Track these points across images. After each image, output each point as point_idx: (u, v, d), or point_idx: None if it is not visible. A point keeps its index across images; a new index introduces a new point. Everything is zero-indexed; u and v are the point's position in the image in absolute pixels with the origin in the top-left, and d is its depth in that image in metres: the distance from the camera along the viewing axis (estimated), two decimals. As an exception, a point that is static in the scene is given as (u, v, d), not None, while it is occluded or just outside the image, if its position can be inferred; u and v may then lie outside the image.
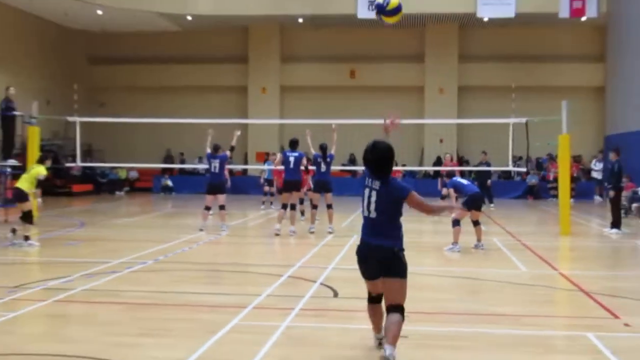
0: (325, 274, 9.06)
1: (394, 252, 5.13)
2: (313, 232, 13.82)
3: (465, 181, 12.39)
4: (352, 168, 25.26)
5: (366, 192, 5.23)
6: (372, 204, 5.19)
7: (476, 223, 11.75)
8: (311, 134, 14.56)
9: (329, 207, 14.13)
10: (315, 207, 14.38)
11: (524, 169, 22.15)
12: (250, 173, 28.02)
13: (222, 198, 14.20)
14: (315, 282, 8.46)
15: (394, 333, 4.87)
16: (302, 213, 16.57)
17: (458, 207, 6.05)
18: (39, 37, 27.19)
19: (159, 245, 11.77)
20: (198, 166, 26.11)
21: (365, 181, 5.28)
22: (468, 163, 27.27)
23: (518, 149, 18.65)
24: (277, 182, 18.75)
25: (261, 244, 13.03)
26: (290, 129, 22.77)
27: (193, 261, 10.36)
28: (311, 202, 14.65)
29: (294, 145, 13.87)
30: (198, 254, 11.17)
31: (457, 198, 15.05)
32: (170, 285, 8.44)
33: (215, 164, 14.15)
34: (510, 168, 18.82)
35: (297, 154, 13.70)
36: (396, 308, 5.02)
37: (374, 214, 5.20)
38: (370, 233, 5.25)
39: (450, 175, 13.20)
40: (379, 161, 5.17)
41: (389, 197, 5.16)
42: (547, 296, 8.20)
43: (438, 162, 25.69)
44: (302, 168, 14.15)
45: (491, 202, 21.32)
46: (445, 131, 27.65)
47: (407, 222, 5.47)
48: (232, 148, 14.47)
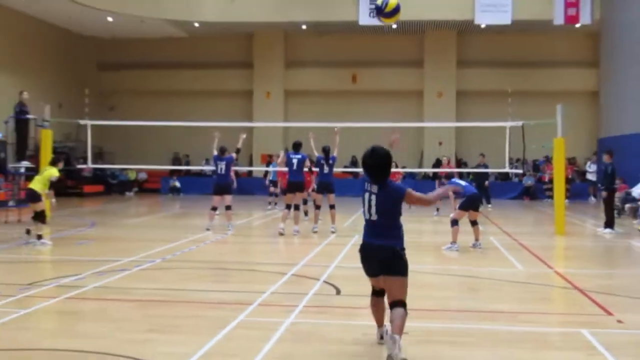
0: (328, 272, 9.06)
1: (395, 252, 5.27)
2: (316, 232, 13.83)
3: (463, 182, 12.43)
4: (354, 170, 25.24)
5: (366, 196, 5.37)
6: (373, 207, 5.33)
7: (474, 223, 11.76)
8: (314, 137, 14.56)
9: (332, 208, 14.12)
10: (318, 208, 14.40)
11: (521, 171, 22.14)
12: (255, 174, 28.05)
13: (228, 199, 14.21)
14: (318, 280, 8.47)
15: (399, 324, 5.03)
16: (306, 213, 16.58)
17: (452, 188, 6.09)
18: (52, 44, 27.27)
19: (167, 244, 11.78)
20: (205, 168, 26.10)
21: (364, 186, 5.40)
22: (466, 165, 27.26)
23: (515, 152, 18.62)
24: (282, 183, 18.76)
25: (266, 243, 13.04)
26: (294, 132, 22.83)
27: (200, 260, 10.39)
28: (314, 203, 14.67)
29: (297, 147, 13.88)
30: (205, 253, 11.19)
31: (456, 199, 15.08)
32: (178, 282, 8.46)
33: (221, 166, 14.16)
34: (507, 170, 18.81)
35: (300, 156, 13.71)
36: (399, 303, 5.19)
37: (375, 216, 5.35)
38: (372, 234, 5.39)
39: (449, 176, 13.24)
40: (378, 166, 5.28)
41: (388, 200, 5.29)
42: (543, 294, 8.20)
43: (437, 164, 25.66)
44: (306, 169, 14.16)
45: (489, 203, 21.31)
46: (444, 134, 27.66)
47: (407, 223, 5.50)
48: (238, 150, 14.49)
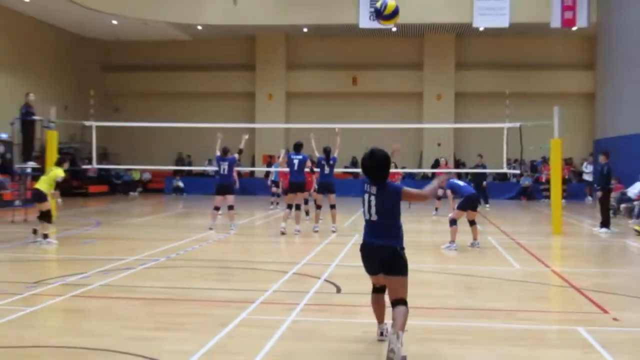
0: (328, 271, 9.07)
1: (396, 252, 5.29)
2: (317, 231, 13.84)
3: (462, 182, 12.44)
4: (354, 170, 25.24)
5: (366, 198, 5.42)
6: (372, 208, 5.37)
7: (472, 223, 11.78)
8: (315, 138, 14.57)
9: (332, 207, 14.12)
10: (319, 207, 14.41)
11: (518, 171, 22.15)
12: (257, 175, 28.07)
13: (231, 198, 14.22)
14: (319, 279, 8.47)
15: (401, 322, 5.05)
16: (307, 213, 16.59)
17: (444, 177, 6.14)
18: (58, 46, 27.31)
19: (171, 243, 11.79)
20: (208, 168, 26.13)
21: (364, 187, 5.44)
22: (465, 165, 27.27)
23: (512, 152, 18.64)
24: (283, 184, 18.77)
25: (268, 243, 13.04)
26: (295, 133, 22.84)
27: (203, 258, 10.40)
28: (315, 203, 14.67)
29: (298, 148, 13.89)
30: (208, 252, 11.19)
31: (454, 199, 15.07)
32: (182, 281, 8.46)
33: (224, 166, 14.17)
34: (504, 170, 18.82)
35: (301, 157, 13.72)
36: (400, 301, 5.22)
37: (375, 217, 5.38)
38: (372, 234, 5.42)
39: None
40: (376, 168, 5.32)
41: (387, 200, 5.33)
42: (540, 292, 8.21)
43: (436, 165, 25.67)
44: (308, 170, 14.17)
45: (487, 203, 21.32)
46: (443, 135, 27.69)
47: (407, 223, 5.52)
48: (240, 151, 14.51)
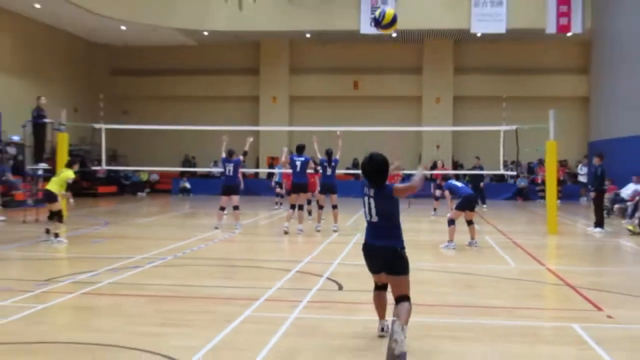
0: (330, 269, 9.06)
1: (397, 252, 5.32)
2: (319, 231, 13.83)
3: (459, 183, 12.43)
4: (356, 172, 25.15)
5: (365, 200, 5.45)
6: (372, 209, 5.40)
7: (470, 222, 11.76)
8: (318, 140, 14.57)
9: (334, 208, 14.12)
10: (321, 208, 14.39)
11: (514, 173, 22.12)
12: (261, 176, 28.07)
13: (236, 199, 14.21)
14: (321, 277, 8.47)
15: (405, 317, 5.06)
16: (310, 213, 16.58)
17: (422, 166, 6.17)
18: (68, 51, 27.33)
19: (178, 242, 11.79)
20: (213, 169, 26.14)
21: (364, 190, 5.46)
22: (462, 167, 27.22)
23: (509, 154, 18.61)
24: (286, 185, 18.77)
25: (272, 242, 13.03)
26: (298, 136, 22.79)
27: (209, 257, 10.39)
28: (317, 203, 14.66)
29: (301, 150, 13.88)
30: (214, 251, 11.19)
31: (453, 199, 15.05)
32: (188, 279, 8.45)
33: (229, 168, 14.17)
34: (501, 172, 18.79)
35: (304, 158, 13.71)
36: (404, 298, 5.23)
37: (375, 218, 5.41)
38: (373, 235, 5.44)
39: (446, 178, 13.23)
40: (375, 172, 5.35)
41: (385, 201, 5.36)
42: (536, 290, 8.19)
43: (434, 167, 25.60)
44: (312, 171, 14.15)
45: (484, 203, 21.28)
46: (441, 138, 27.58)
47: (406, 222, 5.51)
48: (245, 153, 14.50)
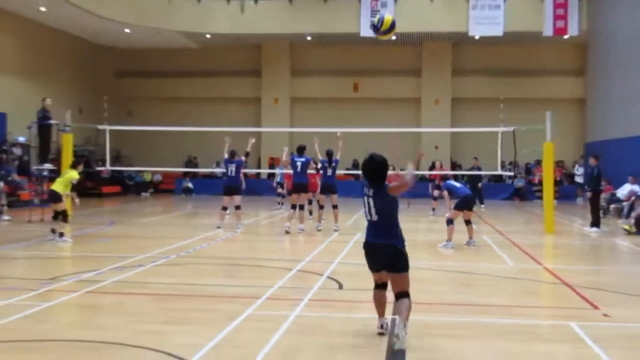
0: (331, 268, 9.06)
1: (397, 250, 5.34)
2: (320, 230, 13.83)
3: (458, 184, 12.44)
4: (356, 172, 25.14)
5: (365, 200, 5.48)
6: (372, 209, 5.43)
7: (468, 222, 11.76)
8: (318, 141, 14.56)
9: (335, 208, 14.13)
10: (321, 207, 14.39)
11: (512, 173, 22.11)
12: (262, 176, 28.05)
13: (238, 199, 14.22)
14: (322, 276, 8.47)
15: (405, 314, 5.09)
16: (310, 212, 16.57)
17: (412, 164, 6.17)
18: (73, 53, 27.33)
19: (181, 241, 11.79)
20: (215, 170, 26.14)
21: (364, 190, 5.49)
22: (461, 167, 27.22)
23: (506, 155, 18.59)
24: (287, 185, 18.77)
25: (273, 241, 13.03)
26: (299, 137, 22.75)
27: (212, 256, 10.40)
28: (318, 203, 14.66)
29: (301, 151, 13.88)
30: (216, 250, 11.19)
31: (451, 199, 15.05)
32: (191, 277, 8.46)
33: (231, 168, 14.18)
34: (499, 172, 18.78)
35: (304, 159, 13.71)
36: (404, 294, 5.25)
37: (376, 217, 5.44)
38: (374, 234, 5.46)
39: (444, 178, 13.23)
40: (375, 172, 5.38)
41: (384, 201, 5.39)
42: (533, 288, 8.19)
43: (433, 168, 25.62)
44: (313, 171, 14.15)
45: (482, 203, 21.29)
46: (440, 139, 27.63)
47: (405, 222, 5.52)
48: (247, 154, 14.51)
